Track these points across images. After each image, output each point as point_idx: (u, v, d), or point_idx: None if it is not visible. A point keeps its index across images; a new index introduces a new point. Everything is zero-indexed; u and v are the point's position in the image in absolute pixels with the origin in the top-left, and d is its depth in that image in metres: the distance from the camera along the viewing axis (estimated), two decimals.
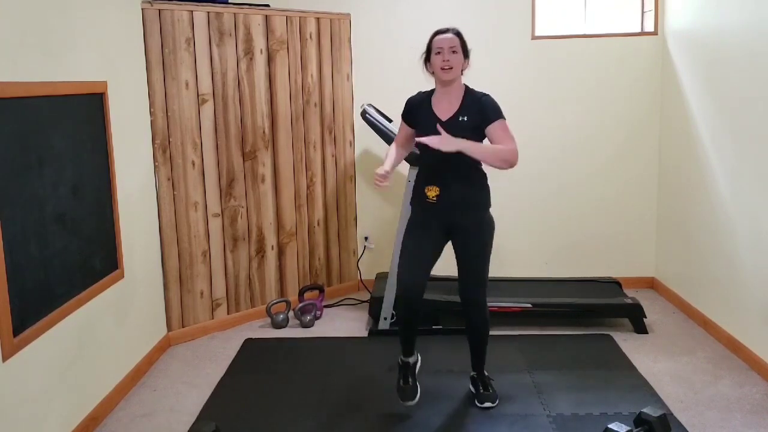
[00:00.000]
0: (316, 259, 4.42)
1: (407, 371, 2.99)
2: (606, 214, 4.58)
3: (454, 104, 2.80)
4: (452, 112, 2.78)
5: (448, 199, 2.81)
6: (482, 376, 3.06)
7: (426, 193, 2.84)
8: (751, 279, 3.34)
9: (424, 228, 2.87)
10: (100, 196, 2.95)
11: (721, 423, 2.81)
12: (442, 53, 2.74)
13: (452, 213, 2.84)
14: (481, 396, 2.99)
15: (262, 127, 4.00)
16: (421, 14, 4.40)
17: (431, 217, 2.86)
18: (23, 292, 2.33)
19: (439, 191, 2.81)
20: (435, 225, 2.86)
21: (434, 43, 2.78)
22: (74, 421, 2.71)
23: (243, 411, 2.99)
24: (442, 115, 2.78)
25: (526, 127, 4.49)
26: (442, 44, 2.75)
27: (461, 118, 2.76)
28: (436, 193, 2.82)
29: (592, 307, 3.86)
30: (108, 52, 3.04)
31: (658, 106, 4.44)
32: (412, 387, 2.94)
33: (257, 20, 3.91)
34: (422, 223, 2.88)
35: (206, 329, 3.90)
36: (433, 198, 2.82)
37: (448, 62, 2.73)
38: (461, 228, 2.85)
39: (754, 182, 3.29)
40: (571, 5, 4.50)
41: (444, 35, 2.77)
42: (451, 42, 2.75)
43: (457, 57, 2.75)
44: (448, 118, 2.77)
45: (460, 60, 2.77)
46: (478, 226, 2.86)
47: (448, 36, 2.77)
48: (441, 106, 2.80)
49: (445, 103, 2.81)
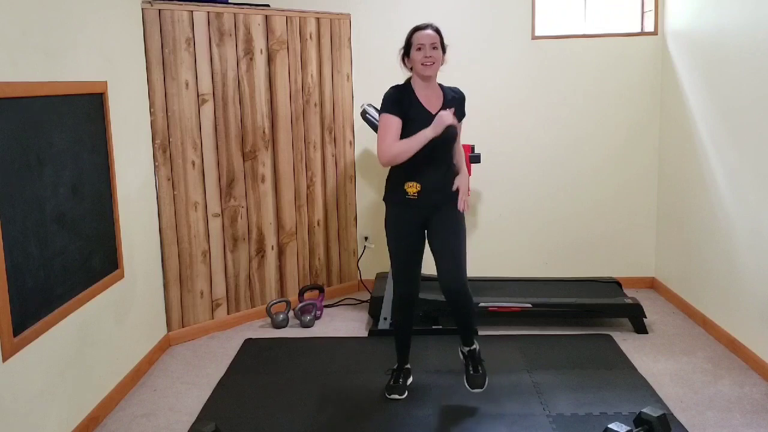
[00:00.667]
0: (316, 259, 4.42)
1: (401, 372, 3.10)
2: (606, 214, 4.58)
3: (438, 98, 2.86)
4: (439, 106, 2.84)
5: (428, 194, 2.83)
6: (473, 352, 3.00)
7: (406, 190, 2.83)
8: (751, 279, 3.34)
9: (407, 228, 2.89)
10: (100, 196, 2.95)
11: (721, 423, 2.81)
12: (424, 49, 2.76)
13: (430, 207, 2.86)
14: (471, 379, 2.96)
15: (262, 127, 4.00)
16: (421, 14, 4.39)
17: (411, 213, 2.87)
18: (23, 292, 2.33)
19: (420, 187, 2.82)
20: (415, 222, 2.88)
21: (415, 38, 2.80)
22: (74, 421, 2.71)
23: (243, 411, 2.99)
24: (432, 109, 2.82)
25: (526, 127, 4.50)
26: (424, 40, 2.77)
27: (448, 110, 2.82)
28: (416, 190, 2.82)
29: (592, 307, 3.86)
30: (108, 52, 3.04)
31: (658, 106, 4.44)
32: (402, 385, 3.06)
33: (257, 20, 3.91)
34: (404, 223, 2.89)
35: (206, 329, 3.90)
36: (413, 194, 2.83)
37: (430, 58, 2.76)
38: (438, 218, 2.87)
39: (754, 182, 3.29)
40: (571, 5, 4.50)
41: (425, 31, 2.79)
42: (432, 38, 2.78)
43: (437, 53, 2.78)
44: (437, 111, 2.81)
45: (440, 55, 2.81)
46: (453, 215, 2.88)
47: (429, 32, 2.79)
48: (428, 101, 2.83)
49: (431, 97, 2.84)
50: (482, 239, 4.63)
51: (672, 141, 4.28)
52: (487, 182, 4.54)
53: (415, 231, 2.90)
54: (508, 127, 4.48)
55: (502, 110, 4.46)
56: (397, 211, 2.91)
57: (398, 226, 2.91)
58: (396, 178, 2.89)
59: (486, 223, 4.62)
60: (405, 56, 2.86)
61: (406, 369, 3.14)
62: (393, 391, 3.05)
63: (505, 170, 4.54)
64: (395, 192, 2.89)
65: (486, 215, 4.62)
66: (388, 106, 2.78)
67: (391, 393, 3.05)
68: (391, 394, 3.04)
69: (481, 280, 4.34)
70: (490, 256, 4.64)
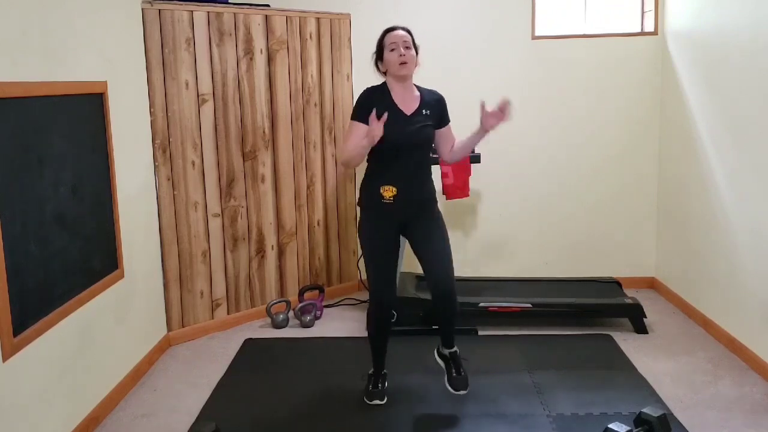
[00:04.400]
0: (316, 259, 4.42)
1: (378, 378, 3.07)
2: (606, 214, 4.58)
3: (414, 99, 2.83)
4: (415, 107, 2.81)
5: (405, 198, 2.80)
6: (454, 354, 2.99)
7: (382, 194, 2.79)
8: (751, 279, 3.34)
9: (383, 232, 2.86)
10: (100, 196, 2.95)
11: (721, 423, 2.81)
12: (397, 49, 2.75)
13: (408, 211, 2.84)
14: (454, 381, 2.94)
15: (262, 127, 4.00)
16: (422, 14, 4.40)
17: (386, 218, 2.84)
18: (23, 292, 2.33)
19: (396, 191, 2.78)
20: (391, 226, 2.86)
21: (387, 39, 2.80)
22: (74, 421, 2.71)
23: (243, 411, 2.99)
24: (407, 110, 2.80)
25: (525, 127, 4.50)
26: (396, 40, 2.77)
27: (425, 112, 2.81)
28: (392, 194, 2.78)
29: (592, 307, 3.86)
30: (108, 52, 3.04)
31: (658, 106, 4.44)
32: (381, 390, 3.03)
33: (257, 20, 3.91)
34: (380, 227, 2.86)
35: (206, 329, 3.90)
36: (389, 198, 2.79)
37: (404, 57, 2.74)
38: (419, 224, 2.85)
39: (754, 182, 3.29)
40: (571, 5, 4.50)
41: (396, 32, 2.80)
42: (404, 38, 2.77)
43: (410, 52, 2.77)
44: (412, 112, 2.80)
45: (414, 55, 2.80)
46: (436, 219, 2.88)
47: (400, 32, 2.79)
48: (403, 102, 2.81)
49: (407, 98, 2.82)
50: (482, 239, 4.63)
51: (672, 141, 4.28)
52: (487, 182, 4.54)
53: (391, 236, 2.87)
54: (508, 127, 4.46)
55: None
56: (372, 215, 2.87)
57: (374, 230, 2.86)
58: (371, 182, 2.85)
59: (486, 223, 4.62)
60: (378, 60, 2.85)
61: (383, 374, 3.09)
62: (374, 396, 3.01)
63: (505, 170, 4.54)
64: (370, 196, 2.84)
65: (486, 215, 4.62)
66: (356, 112, 2.80)
67: (372, 399, 3.01)
68: (373, 400, 3.00)
69: (481, 280, 4.35)
70: (490, 256, 4.64)
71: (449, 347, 3.00)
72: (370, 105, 2.71)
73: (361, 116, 2.74)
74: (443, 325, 2.97)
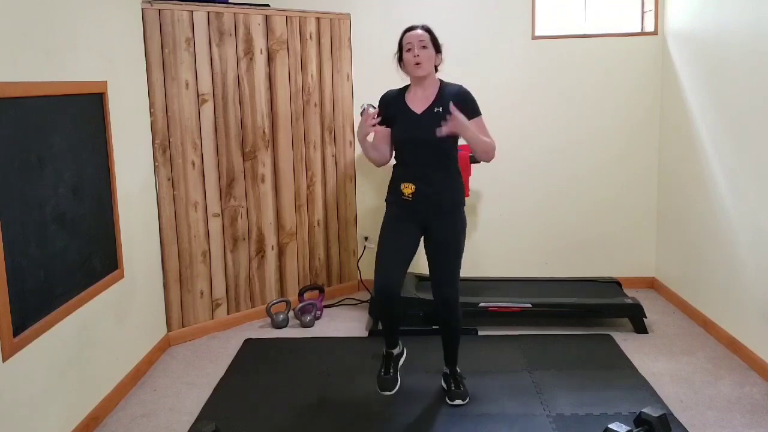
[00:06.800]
0: (316, 259, 4.42)
1: (390, 361, 3.04)
2: (606, 214, 4.58)
3: (429, 98, 2.82)
4: (427, 105, 2.80)
5: (424, 197, 2.81)
6: (455, 373, 3.07)
7: (402, 190, 2.83)
8: (751, 279, 3.34)
9: (400, 222, 2.87)
10: (100, 196, 2.95)
11: (721, 423, 2.81)
12: (413, 49, 2.76)
13: (427, 211, 2.84)
14: (452, 393, 2.99)
15: (262, 127, 4.00)
16: (422, 14, 4.39)
17: (405, 212, 2.86)
18: (23, 292, 2.33)
19: (415, 189, 2.80)
20: (409, 221, 2.87)
21: (404, 39, 2.81)
22: (74, 421, 2.71)
23: (243, 411, 2.99)
24: (417, 109, 2.80)
25: (526, 127, 4.50)
26: (412, 40, 2.77)
27: (436, 110, 2.78)
28: (411, 191, 2.81)
29: (592, 307, 3.86)
30: (108, 52, 3.04)
31: (658, 106, 4.44)
32: (392, 378, 2.99)
33: (257, 20, 3.91)
34: (398, 217, 2.88)
35: (206, 329, 3.90)
36: (408, 195, 2.82)
37: (419, 57, 2.74)
38: (435, 226, 2.85)
39: (754, 182, 3.29)
40: (571, 5, 4.50)
41: (413, 32, 2.80)
42: (420, 37, 2.77)
43: (427, 52, 2.77)
44: (422, 111, 2.80)
45: (431, 55, 2.79)
46: (452, 224, 2.86)
47: (417, 32, 2.79)
48: (415, 101, 2.82)
49: (420, 97, 2.83)
50: (482, 239, 4.63)
51: (672, 141, 4.28)
52: (488, 182, 4.54)
53: (406, 229, 2.86)
54: (508, 126, 4.48)
55: (502, 110, 4.45)
56: (393, 210, 2.92)
57: (390, 222, 2.91)
58: (394, 179, 2.91)
59: (486, 223, 4.62)
60: (400, 61, 2.86)
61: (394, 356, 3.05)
62: (384, 385, 2.94)
63: (506, 170, 4.54)
64: (393, 192, 2.91)
65: (486, 215, 4.62)
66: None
67: (382, 388, 2.95)
68: (383, 390, 2.94)
69: (481, 280, 4.35)
70: (490, 256, 4.64)
71: (452, 364, 3.05)
72: (385, 103, 2.86)
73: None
74: (444, 337, 3.01)
